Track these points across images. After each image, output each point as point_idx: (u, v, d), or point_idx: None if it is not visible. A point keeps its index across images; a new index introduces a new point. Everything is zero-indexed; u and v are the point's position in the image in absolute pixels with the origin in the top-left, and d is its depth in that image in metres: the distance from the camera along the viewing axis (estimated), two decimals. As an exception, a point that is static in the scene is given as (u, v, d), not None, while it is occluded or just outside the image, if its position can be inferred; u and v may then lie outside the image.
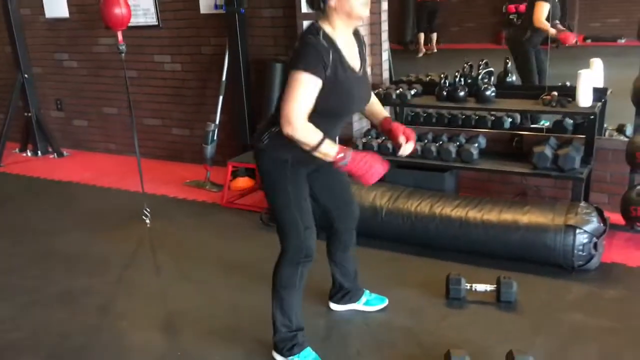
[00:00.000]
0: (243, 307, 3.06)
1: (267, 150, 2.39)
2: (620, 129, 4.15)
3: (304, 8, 4.19)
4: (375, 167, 2.25)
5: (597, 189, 3.87)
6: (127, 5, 3.77)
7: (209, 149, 4.86)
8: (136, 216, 4.19)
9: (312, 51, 2.19)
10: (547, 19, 4.59)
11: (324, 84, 2.21)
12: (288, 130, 2.18)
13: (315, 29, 2.26)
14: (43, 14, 5.91)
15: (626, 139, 3.78)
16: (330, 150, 2.21)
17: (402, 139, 2.46)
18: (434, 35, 9.37)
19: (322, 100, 2.22)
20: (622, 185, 3.75)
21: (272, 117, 2.42)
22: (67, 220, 4.39)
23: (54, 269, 3.60)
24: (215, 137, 4.87)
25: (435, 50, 9.16)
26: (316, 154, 2.22)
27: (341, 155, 2.21)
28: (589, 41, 6.44)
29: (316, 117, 2.23)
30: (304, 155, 2.28)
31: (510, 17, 11.51)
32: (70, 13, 5.77)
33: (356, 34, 2.42)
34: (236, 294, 3.20)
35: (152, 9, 5.18)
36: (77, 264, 3.67)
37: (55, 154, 6.10)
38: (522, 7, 12.22)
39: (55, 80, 6.16)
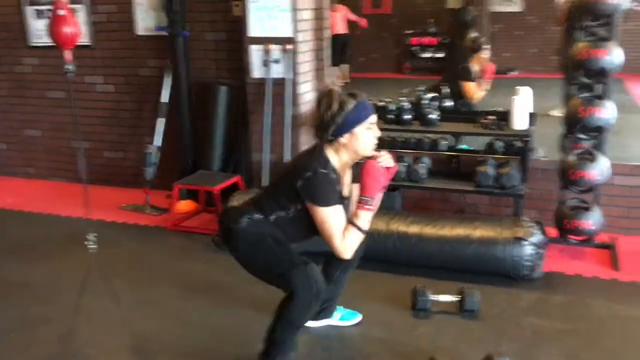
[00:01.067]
0: (216, 328, 3.05)
1: (246, 230, 2.53)
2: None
3: (251, 32, 4.27)
4: (374, 172, 2.44)
5: (528, 205, 4.20)
6: (77, 24, 3.68)
7: (149, 172, 4.78)
8: (75, 242, 4.03)
9: (330, 187, 2.43)
10: None
11: None
12: (347, 256, 2.48)
13: (324, 161, 2.46)
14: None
15: (552, 160, 4.17)
16: (365, 218, 2.47)
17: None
18: (347, 66, 9.76)
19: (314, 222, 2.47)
20: (550, 201, 4.11)
21: (256, 202, 2.59)
22: (-1, 249, 4.14)
23: (3, 299, 3.40)
24: (155, 160, 4.79)
25: (349, 80, 9.54)
26: (367, 229, 2.51)
27: (367, 207, 2.46)
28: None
29: (295, 223, 2.52)
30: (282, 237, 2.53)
31: (413, 49, 12.20)
32: (-11, 31, 5.49)
33: None
34: (205, 316, 3.17)
35: (85, 29, 5.04)
36: (26, 293, 3.47)
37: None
38: (425, 40, 12.92)
39: (-30, 101, 5.80)
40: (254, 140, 4.49)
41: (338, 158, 2.49)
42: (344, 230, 2.45)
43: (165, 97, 4.84)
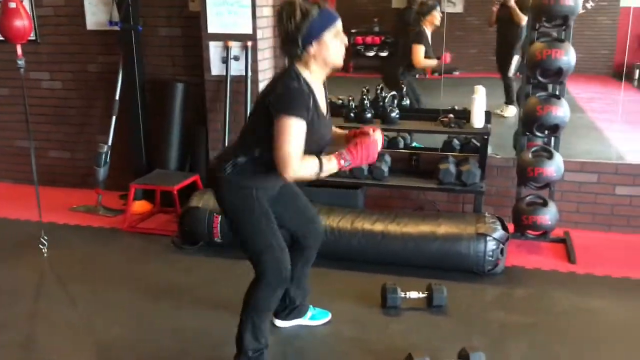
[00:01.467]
0: (181, 331, 2.97)
1: (231, 181, 2.41)
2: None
3: (210, 28, 4.18)
4: (371, 148, 2.33)
5: (485, 202, 4.30)
6: (29, 17, 3.51)
7: (102, 172, 4.61)
8: (26, 246, 3.86)
9: (298, 96, 2.27)
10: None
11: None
12: (288, 174, 2.24)
13: (295, 74, 2.33)
14: None
15: (508, 157, 4.28)
16: (331, 166, 2.30)
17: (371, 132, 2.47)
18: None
19: None
20: (506, 197, 4.22)
21: (236, 146, 2.48)
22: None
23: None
24: (108, 159, 4.63)
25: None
26: (322, 176, 2.30)
27: (342, 162, 2.31)
28: (436, 74, 7.36)
29: None
30: (268, 184, 2.41)
31: (358, 48, 12.31)
32: None
33: None
34: (169, 318, 3.09)
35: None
36: (-25, 299, 3.29)
37: None
38: (369, 39, 13.09)
39: None
40: (212, 139, 4.40)
41: (309, 72, 2.36)
42: (303, 155, 2.26)
43: (117, 94, 4.68)
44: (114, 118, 4.68)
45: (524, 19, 6.10)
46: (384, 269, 3.54)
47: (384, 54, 11.68)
